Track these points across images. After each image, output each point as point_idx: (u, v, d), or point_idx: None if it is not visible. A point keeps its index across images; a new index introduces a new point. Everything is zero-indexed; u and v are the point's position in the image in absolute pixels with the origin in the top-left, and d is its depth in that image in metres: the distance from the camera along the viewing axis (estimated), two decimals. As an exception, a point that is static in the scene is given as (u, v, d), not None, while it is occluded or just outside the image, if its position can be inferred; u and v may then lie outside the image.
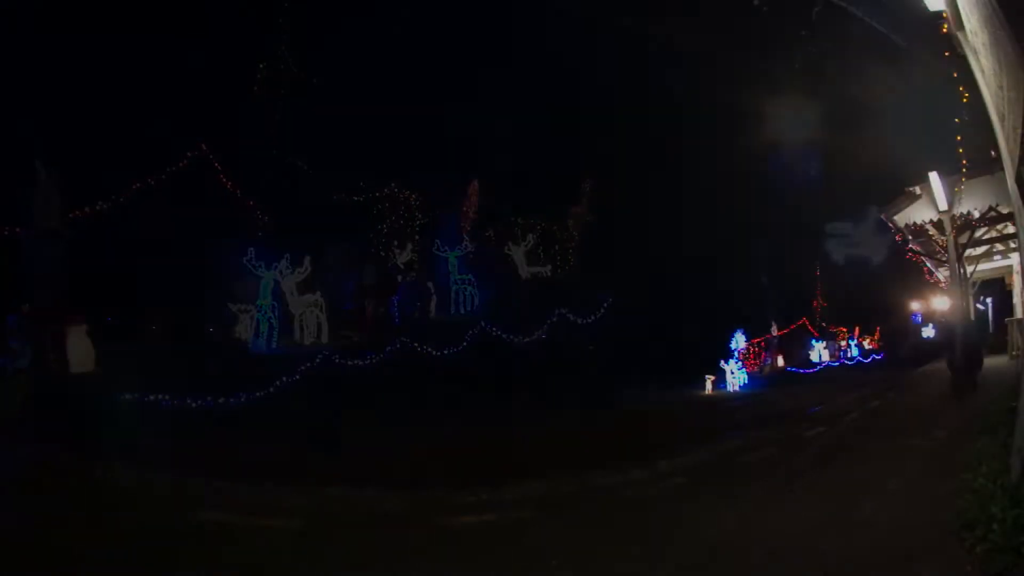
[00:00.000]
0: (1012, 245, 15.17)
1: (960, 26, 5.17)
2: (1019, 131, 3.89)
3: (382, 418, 9.97)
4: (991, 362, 13.94)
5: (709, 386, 24.33)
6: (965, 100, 6.14)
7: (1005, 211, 10.97)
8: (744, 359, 27.02)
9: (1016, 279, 18.15)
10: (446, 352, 13.66)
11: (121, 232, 12.98)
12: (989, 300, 26.84)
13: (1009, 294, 20.72)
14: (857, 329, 31.09)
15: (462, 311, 16.13)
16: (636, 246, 23.30)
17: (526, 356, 14.76)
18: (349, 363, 12.51)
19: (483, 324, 14.51)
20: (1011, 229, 13.17)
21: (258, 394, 10.45)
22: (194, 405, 9.76)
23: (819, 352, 29.83)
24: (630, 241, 23.34)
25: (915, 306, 31.64)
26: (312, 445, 8.10)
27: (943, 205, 11.30)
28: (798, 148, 23.85)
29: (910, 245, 15.80)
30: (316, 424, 9.09)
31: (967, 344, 11.04)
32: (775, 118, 19.91)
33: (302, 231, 15.43)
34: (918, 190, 12.18)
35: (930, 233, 13.61)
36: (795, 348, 31.73)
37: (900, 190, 13.03)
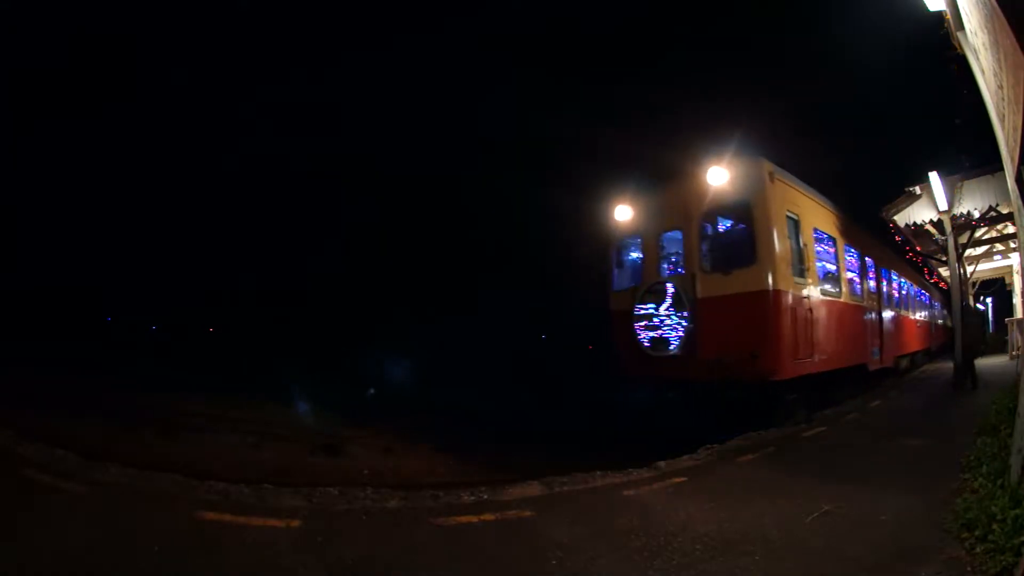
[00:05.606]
0: (1012, 245, 15.18)
1: (960, 26, 5.18)
2: (1019, 131, 3.88)
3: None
4: (991, 362, 13.92)
5: (709, 386, 24.33)
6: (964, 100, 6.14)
7: (1005, 211, 10.97)
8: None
9: (1016, 279, 18.17)
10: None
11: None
12: (989, 300, 26.85)
13: (1009, 294, 20.75)
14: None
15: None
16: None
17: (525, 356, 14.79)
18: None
19: None
20: (1011, 229, 13.18)
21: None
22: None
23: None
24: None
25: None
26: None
27: (943, 205, 11.30)
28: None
29: (910, 245, 15.79)
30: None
31: (966, 343, 11.06)
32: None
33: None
34: (918, 190, 12.17)
35: (930, 233, 13.60)
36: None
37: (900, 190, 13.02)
